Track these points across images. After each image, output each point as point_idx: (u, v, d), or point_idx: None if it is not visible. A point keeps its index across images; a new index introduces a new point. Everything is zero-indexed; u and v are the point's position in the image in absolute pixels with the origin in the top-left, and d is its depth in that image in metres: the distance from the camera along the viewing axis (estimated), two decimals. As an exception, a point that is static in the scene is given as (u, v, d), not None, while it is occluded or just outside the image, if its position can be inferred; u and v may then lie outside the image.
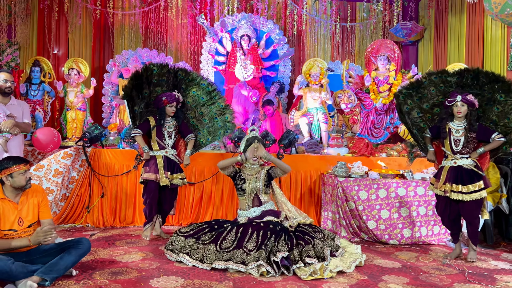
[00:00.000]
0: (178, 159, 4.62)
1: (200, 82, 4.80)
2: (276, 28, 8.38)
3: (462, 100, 4.04)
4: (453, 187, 4.06)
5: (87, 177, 5.16)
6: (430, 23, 8.61)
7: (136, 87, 4.54)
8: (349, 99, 5.92)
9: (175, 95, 4.52)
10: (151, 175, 4.41)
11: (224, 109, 4.88)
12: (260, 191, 4.09)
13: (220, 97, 4.88)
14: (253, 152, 4.12)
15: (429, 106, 4.44)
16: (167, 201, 4.60)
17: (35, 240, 3.03)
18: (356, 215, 4.81)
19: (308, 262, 3.54)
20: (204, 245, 3.68)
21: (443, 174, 4.15)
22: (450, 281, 3.48)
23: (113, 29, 8.53)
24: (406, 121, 4.59)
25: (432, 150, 4.29)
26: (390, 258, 4.12)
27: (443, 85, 4.33)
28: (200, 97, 4.81)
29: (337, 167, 4.94)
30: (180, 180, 4.55)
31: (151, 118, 4.53)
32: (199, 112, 4.84)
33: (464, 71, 4.26)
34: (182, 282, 3.21)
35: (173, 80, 4.69)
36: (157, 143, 4.51)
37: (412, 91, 4.47)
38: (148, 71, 4.57)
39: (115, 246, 4.16)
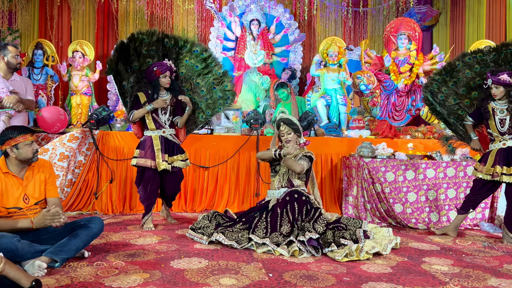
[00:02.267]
0: (177, 139, 4.18)
1: (192, 48, 4.32)
2: (286, 12, 8.07)
3: (494, 83, 3.76)
4: (504, 169, 3.72)
5: (94, 161, 4.84)
6: (446, 7, 8.31)
7: (123, 60, 4.03)
8: (368, 80, 5.61)
9: (167, 63, 4.03)
10: (146, 161, 3.92)
11: (222, 77, 4.40)
12: (292, 174, 3.73)
13: (216, 64, 4.40)
14: (292, 144, 3.73)
15: (466, 90, 4.14)
16: (170, 186, 4.11)
17: (41, 222, 2.71)
18: (383, 199, 4.51)
19: (343, 243, 3.23)
20: (239, 231, 3.41)
21: (491, 157, 3.82)
22: (498, 262, 3.17)
23: (117, 15, 8.21)
24: (439, 112, 4.27)
25: (476, 138, 3.98)
26: (425, 241, 3.81)
27: (479, 66, 4.04)
28: (194, 66, 4.34)
29: (363, 147, 4.64)
30: (181, 162, 4.08)
31: (141, 94, 4.04)
32: (195, 83, 4.36)
33: (502, 46, 3.95)
34: (207, 263, 2.89)
35: (163, 49, 4.21)
36: (152, 121, 4.01)
37: (446, 76, 4.16)
38: (136, 41, 4.07)
39: (128, 231, 3.84)
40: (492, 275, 2.84)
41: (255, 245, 3.27)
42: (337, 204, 5.10)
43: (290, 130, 3.75)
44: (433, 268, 2.97)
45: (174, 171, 4.08)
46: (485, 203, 4.53)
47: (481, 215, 4.55)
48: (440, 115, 4.28)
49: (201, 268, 2.78)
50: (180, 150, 4.15)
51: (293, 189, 3.52)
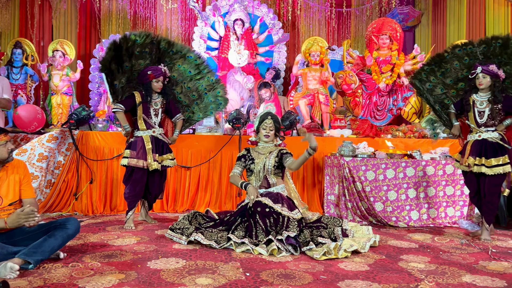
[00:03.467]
0: (166, 138, 4.21)
1: (186, 54, 4.37)
2: (270, 12, 8.08)
3: (483, 71, 3.82)
4: (476, 160, 3.82)
5: (74, 162, 4.78)
6: (428, 7, 8.40)
7: (115, 59, 4.05)
8: (350, 80, 5.64)
9: (162, 69, 4.08)
10: (139, 162, 3.96)
11: (215, 84, 4.48)
12: (269, 172, 3.71)
13: (209, 71, 4.47)
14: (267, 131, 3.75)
15: (453, 81, 4.22)
16: (156, 185, 4.17)
17: (15, 222, 2.67)
18: (363, 197, 4.53)
19: (321, 242, 3.25)
20: (218, 232, 3.41)
21: (467, 148, 3.92)
22: (474, 259, 3.21)
23: (100, 14, 8.13)
24: (427, 98, 4.36)
25: (457, 124, 4.05)
26: (404, 239, 3.85)
27: (468, 58, 4.10)
28: (187, 71, 4.40)
29: (343, 147, 4.66)
30: (170, 161, 4.16)
31: (137, 94, 4.09)
32: (186, 87, 4.42)
33: (492, 39, 4.01)
34: (184, 263, 2.88)
35: (157, 52, 4.25)
36: (144, 122, 4.07)
37: (434, 66, 4.24)
38: (128, 41, 4.07)
39: (107, 231, 3.80)
40: (467, 271, 2.88)
41: (234, 244, 3.27)
42: (319, 203, 5.12)
43: (273, 127, 3.76)
44: (410, 266, 2.99)
45: (161, 171, 4.15)
46: (463, 201, 4.60)
47: (460, 213, 4.60)
48: (428, 101, 4.37)
49: (178, 268, 2.76)
50: (169, 149, 4.21)
51: (257, 200, 3.47)
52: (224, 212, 4.03)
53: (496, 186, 3.81)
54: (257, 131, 3.84)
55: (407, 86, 5.99)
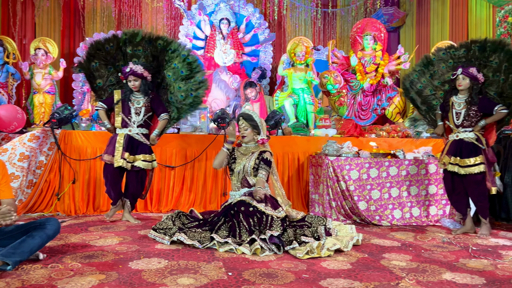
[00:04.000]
0: (144, 139, 4.16)
1: (181, 52, 4.34)
2: (256, 12, 8.09)
3: (463, 73, 3.94)
4: (451, 159, 3.93)
5: (56, 162, 4.72)
6: (412, 9, 8.50)
7: (100, 58, 4.07)
8: (335, 80, 5.67)
9: (127, 68, 4.01)
10: (107, 157, 4.02)
11: (201, 83, 4.43)
12: (248, 173, 3.71)
13: (199, 70, 4.42)
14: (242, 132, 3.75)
15: (440, 83, 4.37)
16: (132, 183, 4.15)
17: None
18: (347, 196, 4.56)
19: (304, 241, 3.26)
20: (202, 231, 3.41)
21: (446, 148, 4.06)
22: (455, 257, 3.25)
23: (84, 12, 8.05)
24: (412, 98, 4.50)
25: (441, 123, 4.18)
26: (387, 238, 3.88)
27: (452, 60, 4.26)
28: (179, 71, 4.36)
29: (328, 146, 4.68)
30: (143, 162, 4.08)
31: (117, 92, 4.11)
32: (177, 87, 4.38)
33: (471, 43, 4.19)
34: (166, 263, 2.86)
35: (152, 50, 4.26)
36: (120, 120, 4.06)
37: (423, 68, 4.40)
38: (119, 41, 4.11)
39: (89, 232, 3.76)
40: (447, 269, 2.91)
41: (217, 244, 3.26)
42: (303, 202, 5.14)
43: (247, 126, 3.74)
44: (391, 264, 3.02)
45: (137, 171, 4.11)
46: (446, 200, 4.65)
47: (442, 212, 4.66)
48: (413, 100, 4.51)
49: (159, 269, 2.74)
50: (145, 150, 4.14)
51: (240, 199, 3.47)
52: (208, 212, 4.01)
53: (475, 183, 3.91)
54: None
55: (391, 86, 6.05)
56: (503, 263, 3.08)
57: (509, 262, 3.10)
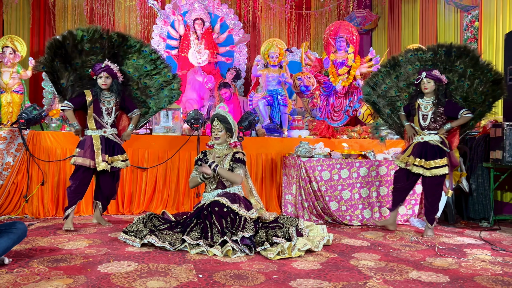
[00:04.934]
0: (118, 139, 4.13)
1: (141, 48, 4.27)
2: (231, 12, 8.09)
3: (427, 76, 4.03)
4: (416, 161, 4.01)
5: (24, 163, 4.61)
6: (384, 12, 8.66)
7: (60, 58, 3.94)
8: (308, 81, 5.73)
9: (102, 64, 3.95)
10: (85, 161, 3.89)
11: (172, 80, 4.41)
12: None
13: (165, 66, 4.38)
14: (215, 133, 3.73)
15: (406, 84, 4.40)
16: (108, 186, 4.09)
17: None
18: (319, 197, 4.62)
19: (276, 242, 3.29)
20: (173, 234, 3.37)
21: (410, 148, 4.13)
22: (422, 256, 3.34)
23: (54, 10, 7.88)
24: (374, 102, 4.51)
25: (408, 124, 4.21)
26: (357, 238, 3.95)
27: (419, 63, 4.31)
28: (143, 67, 4.30)
29: (300, 147, 4.73)
30: (121, 163, 4.07)
31: (88, 92, 4.00)
32: (142, 83, 4.33)
33: (438, 46, 4.26)
34: (136, 266, 2.84)
35: (109, 47, 4.15)
36: (94, 121, 3.98)
37: (390, 69, 4.42)
38: (75, 38, 3.96)
39: (57, 235, 3.69)
40: (414, 268, 2.99)
41: (189, 246, 3.25)
42: (277, 203, 5.17)
43: (222, 128, 3.72)
44: (360, 264, 3.07)
45: (112, 171, 4.06)
46: (415, 200, 4.76)
47: (411, 211, 4.77)
48: (374, 104, 4.52)
49: (129, 272, 2.72)
50: (121, 150, 4.13)
51: (214, 199, 3.47)
52: (181, 213, 3.99)
53: (436, 186, 4.01)
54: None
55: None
56: (467, 261, 3.18)
57: (473, 260, 3.20)
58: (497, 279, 2.76)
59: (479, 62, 4.10)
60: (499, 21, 5.53)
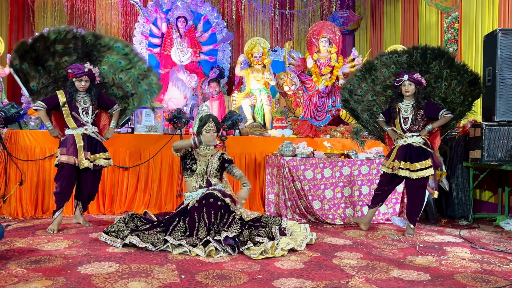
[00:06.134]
0: (100, 137, 4.08)
1: (113, 45, 4.22)
2: (214, 11, 8.06)
3: (409, 79, 4.04)
4: (401, 164, 4.02)
5: (1, 162, 4.49)
6: (366, 12, 8.74)
7: (30, 60, 3.87)
8: (291, 81, 5.75)
9: (85, 68, 3.87)
10: (70, 158, 3.81)
11: (147, 72, 4.35)
12: (210, 174, 3.70)
13: (139, 59, 4.33)
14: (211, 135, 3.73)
15: (382, 88, 4.40)
16: (89, 184, 4.03)
17: None
18: (302, 196, 4.64)
19: (259, 241, 3.28)
20: (155, 233, 3.34)
21: (393, 153, 4.12)
22: (403, 254, 3.38)
23: (33, 6, 7.73)
24: (352, 108, 4.51)
25: (390, 128, 4.21)
26: (340, 236, 3.98)
27: (395, 66, 4.31)
28: (117, 62, 4.24)
29: (283, 146, 4.73)
30: (104, 161, 4.02)
31: (61, 93, 3.91)
32: (117, 78, 4.27)
33: (413, 49, 4.27)
34: (117, 267, 2.80)
35: (83, 47, 4.08)
36: (72, 119, 3.91)
37: (365, 73, 4.40)
38: (47, 40, 3.91)
39: (36, 235, 3.61)
40: (395, 266, 3.02)
41: (171, 246, 3.22)
42: (260, 202, 5.17)
43: (215, 129, 3.74)
44: (343, 262, 3.09)
45: (94, 170, 4.01)
46: (396, 198, 4.82)
47: (392, 210, 4.82)
48: (352, 111, 4.52)
49: (110, 273, 2.67)
50: (103, 148, 4.08)
51: (208, 192, 3.49)
52: (163, 213, 3.96)
53: (419, 188, 4.05)
54: (198, 133, 3.79)
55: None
56: (447, 259, 3.23)
57: (453, 258, 3.25)
58: (476, 277, 2.81)
59: (455, 63, 4.15)
60: (478, 23, 5.64)
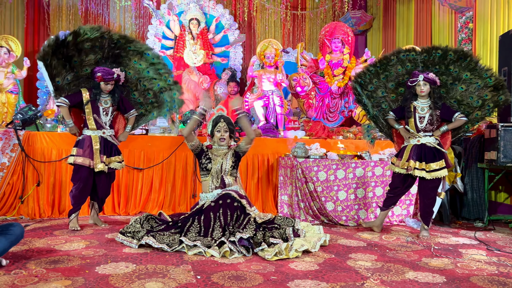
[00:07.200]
0: (115, 140, 4.13)
1: (144, 51, 4.25)
2: (226, 13, 8.10)
3: (425, 79, 4.00)
4: (416, 164, 3.99)
5: (20, 164, 4.59)
6: (379, 12, 8.71)
7: (59, 56, 3.90)
8: (304, 82, 5.75)
9: (114, 73, 3.96)
10: (85, 161, 3.89)
11: (172, 85, 4.39)
12: (226, 172, 3.72)
13: (167, 71, 4.37)
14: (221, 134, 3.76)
15: (394, 85, 4.35)
16: (104, 186, 4.10)
17: None
18: (315, 197, 4.64)
19: (273, 243, 3.30)
20: (171, 235, 3.38)
21: (406, 152, 4.08)
22: (418, 256, 3.36)
23: (49, 10, 7.85)
24: (364, 103, 4.44)
25: (402, 127, 4.17)
26: (354, 238, 3.97)
27: (410, 64, 4.25)
28: (145, 71, 4.28)
29: (296, 148, 4.74)
30: (118, 164, 4.09)
31: (85, 91, 3.98)
32: (142, 85, 4.31)
33: (432, 48, 4.20)
34: (134, 267, 2.84)
35: (109, 47, 4.10)
36: (93, 121, 3.97)
37: (379, 68, 4.33)
38: (78, 36, 3.92)
39: (54, 236, 3.68)
40: (410, 268, 3.01)
41: (186, 247, 3.25)
42: (273, 203, 5.18)
43: (227, 129, 3.77)
44: (357, 264, 3.09)
45: (108, 173, 4.07)
46: (409, 200, 4.80)
47: (406, 211, 4.80)
48: (364, 106, 4.45)
49: (127, 273, 2.72)
50: (118, 151, 4.14)
51: (225, 192, 3.53)
52: (177, 214, 4.00)
53: (434, 188, 4.03)
54: (211, 135, 3.83)
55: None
56: (463, 261, 3.21)
57: (468, 261, 3.23)
58: (492, 279, 2.79)
59: (478, 66, 4.08)
60: (493, 23, 5.58)
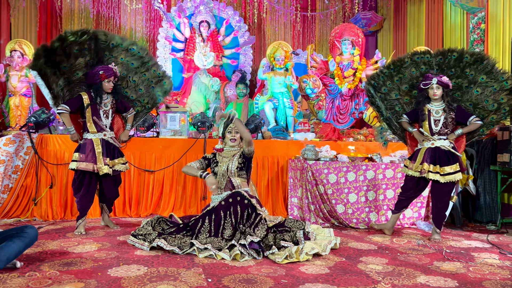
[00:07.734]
0: (117, 142, 4.13)
1: (129, 47, 4.21)
2: (236, 15, 8.12)
3: (438, 83, 3.97)
4: (430, 167, 3.96)
5: (33, 166, 4.65)
6: (389, 13, 8.66)
7: (49, 63, 3.86)
8: (314, 84, 5.75)
9: (113, 68, 3.98)
10: (88, 165, 3.86)
11: (162, 77, 4.37)
12: (232, 173, 3.72)
13: (154, 63, 4.35)
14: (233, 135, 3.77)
15: (408, 88, 4.32)
16: (111, 189, 4.12)
17: None
18: (325, 200, 4.63)
19: (284, 246, 3.30)
20: (182, 237, 3.42)
21: (420, 155, 4.05)
22: (429, 260, 3.34)
23: (61, 13, 7.93)
24: (378, 105, 4.40)
25: (415, 130, 4.15)
26: (364, 241, 3.96)
27: (424, 66, 4.23)
28: (130, 64, 4.25)
29: (306, 150, 4.74)
30: (122, 165, 4.09)
31: (85, 94, 3.97)
32: (131, 80, 4.30)
33: (448, 51, 4.17)
34: (145, 270, 2.86)
35: (95, 47, 4.06)
36: (94, 124, 3.96)
37: (393, 71, 4.31)
38: (64, 41, 3.89)
39: (67, 238, 3.72)
40: (421, 272, 3.00)
41: (197, 250, 3.27)
42: (283, 206, 5.18)
43: (238, 130, 3.78)
44: (368, 268, 3.08)
45: (114, 175, 4.08)
46: (421, 203, 4.76)
47: (418, 214, 4.77)
48: (378, 108, 4.43)
49: (139, 276, 2.74)
50: (120, 153, 4.15)
51: (235, 191, 3.55)
52: (188, 216, 4.02)
53: (447, 192, 4.00)
54: (222, 137, 3.85)
55: (369, 90, 6.14)
56: (475, 265, 3.19)
57: (481, 265, 3.20)
58: (506, 284, 2.77)
59: (494, 69, 4.04)
60: (506, 24, 5.52)
